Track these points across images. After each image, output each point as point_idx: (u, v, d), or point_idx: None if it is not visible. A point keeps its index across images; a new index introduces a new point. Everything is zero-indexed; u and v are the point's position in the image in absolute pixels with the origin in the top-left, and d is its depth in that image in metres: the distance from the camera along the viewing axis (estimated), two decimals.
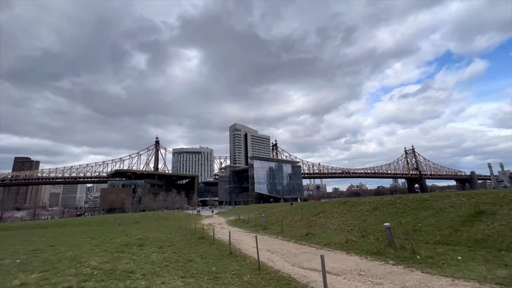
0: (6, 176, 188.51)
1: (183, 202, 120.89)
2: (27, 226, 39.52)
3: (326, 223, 19.54)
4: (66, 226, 41.58)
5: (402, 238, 12.06)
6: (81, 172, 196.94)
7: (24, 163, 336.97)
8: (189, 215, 63.62)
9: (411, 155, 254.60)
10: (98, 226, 36.42)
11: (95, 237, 14.67)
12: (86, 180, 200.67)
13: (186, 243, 15.47)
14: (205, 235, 20.33)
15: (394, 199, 19.42)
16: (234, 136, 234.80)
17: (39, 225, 40.82)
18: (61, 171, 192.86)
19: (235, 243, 16.38)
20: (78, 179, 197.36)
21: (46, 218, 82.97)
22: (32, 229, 33.13)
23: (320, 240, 15.03)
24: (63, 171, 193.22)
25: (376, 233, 14.06)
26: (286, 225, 22.54)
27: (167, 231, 23.49)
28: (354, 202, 22.43)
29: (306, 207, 27.69)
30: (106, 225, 41.19)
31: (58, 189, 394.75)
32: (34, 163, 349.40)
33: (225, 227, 28.68)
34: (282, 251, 12.83)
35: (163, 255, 10.89)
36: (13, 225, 44.21)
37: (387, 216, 16.37)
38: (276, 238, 17.64)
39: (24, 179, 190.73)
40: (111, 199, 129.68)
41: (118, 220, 48.80)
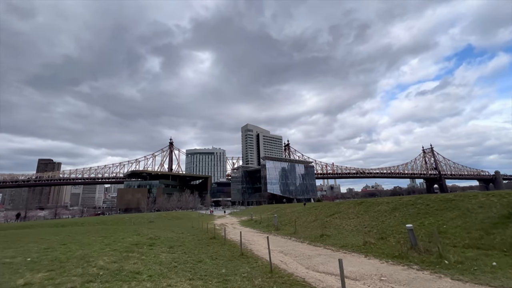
0: (30, 177, 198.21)
1: (196, 202, 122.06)
2: (47, 225, 40.94)
3: (342, 224, 18.72)
4: (84, 225, 42.73)
5: (426, 240, 11.19)
6: (99, 173, 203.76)
7: (47, 164, 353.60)
8: (202, 215, 63.94)
9: (429, 154, 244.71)
10: (113, 225, 37.13)
11: (107, 236, 14.70)
12: (104, 180, 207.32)
13: (197, 243, 15.20)
14: (216, 235, 20.04)
15: (415, 199, 18.31)
16: (246, 136, 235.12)
17: (59, 224, 42.20)
18: (81, 172, 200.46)
19: (246, 244, 15.95)
20: (96, 179, 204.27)
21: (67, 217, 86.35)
22: (52, 228, 34.24)
23: (335, 241, 14.31)
24: (83, 172, 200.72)
25: (397, 235, 13.18)
26: (300, 226, 21.86)
27: (179, 231, 23.43)
28: (371, 203, 21.43)
29: (320, 207, 26.86)
30: (122, 225, 41.97)
31: (79, 189, 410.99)
32: (56, 165, 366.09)
33: (237, 227, 28.34)
34: (296, 253, 12.26)
35: (173, 255, 10.62)
36: (35, 223, 45.98)
37: (408, 217, 15.39)
38: (289, 239, 17.05)
39: (47, 179, 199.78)
40: (127, 199, 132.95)
41: (133, 220, 49.69)
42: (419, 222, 13.79)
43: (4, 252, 9.79)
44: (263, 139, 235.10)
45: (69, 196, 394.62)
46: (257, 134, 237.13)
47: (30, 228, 33.31)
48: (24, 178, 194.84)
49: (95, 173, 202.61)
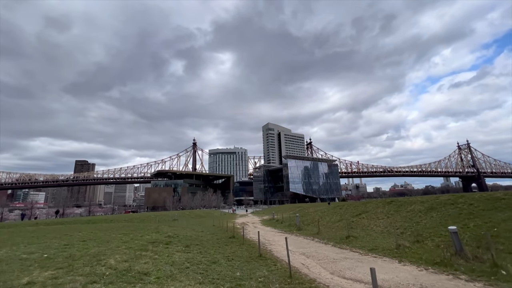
0: (69, 177, 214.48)
1: (219, 201, 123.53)
2: (80, 221, 43.39)
3: (370, 225, 17.24)
4: (113, 222, 44.69)
5: (472, 245, 9.62)
6: (128, 173, 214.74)
7: (83, 165, 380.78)
8: (225, 214, 64.25)
9: (465, 151, 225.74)
10: (139, 223, 38.33)
11: (127, 234, 14.76)
12: (132, 180, 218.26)
13: (215, 243, 14.72)
14: (236, 235, 19.50)
15: (455, 198, 16.32)
16: (268, 135, 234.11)
17: (91, 221, 44.58)
18: (112, 172, 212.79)
19: (266, 244, 15.18)
20: (126, 179, 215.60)
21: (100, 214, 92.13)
22: (83, 224, 36.06)
23: (363, 244, 13.03)
24: (114, 172, 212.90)
25: (435, 238, 11.63)
26: (323, 226, 20.64)
27: (200, 229, 23.27)
28: (402, 202, 19.61)
29: (345, 206, 25.29)
30: (147, 222, 43.23)
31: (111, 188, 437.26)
32: (91, 165, 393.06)
33: (258, 227, 27.68)
34: (319, 256, 11.25)
35: (187, 255, 10.16)
36: (70, 220, 49.03)
37: (448, 218, 13.63)
38: (311, 240, 15.99)
39: (82, 179, 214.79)
40: (154, 197, 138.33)
41: (158, 217, 51.11)
42: (462, 224, 12.08)
43: (27, 247, 9.95)
44: (285, 137, 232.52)
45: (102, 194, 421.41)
46: (279, 133, 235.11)
47: (64, 224, 35.38)
48: (63, 178, 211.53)
49: (125, 173, 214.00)
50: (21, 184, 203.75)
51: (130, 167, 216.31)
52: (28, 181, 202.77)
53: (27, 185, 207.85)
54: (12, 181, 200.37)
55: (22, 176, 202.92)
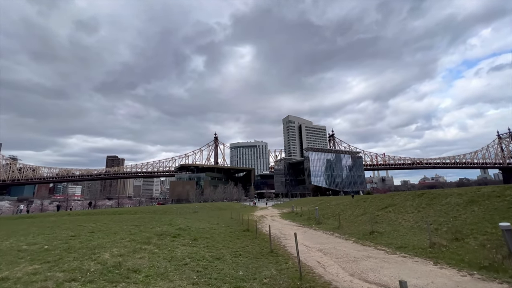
0: (101, 172, 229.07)
1: (240, 194, 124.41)
2: (107, 212, 45.51)
3: (397, 219, 15.51)
4: (137, 213, 46.33)
5: None
6: (155, 168, 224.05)
7: (113, 160, 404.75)
8: (245, 207, 64.22)
9: (507, 140, 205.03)
10: (159, 215, 39.25)
11: (139, 225, 14.54)
12: (158, 174, 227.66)
13: (227, 236, 14.00)
14: (251, 228, 18.72)
15: (501, 189, 14.05)
16: (288, 128, 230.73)
17: (117, 212, 46.59)
18: (140, 167, 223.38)
19: (281, 239, 14.18)
20: (152, 173, 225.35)
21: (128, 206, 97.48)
22: (109, 215, 37.60)
23: (390, 241, 11.52)
24: (141, 167, 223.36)
25: (479, 236, 9.84)
26: (345, 220, 19.14)
27: (215, 221, 22.85)
28: (435, 194, 17.49)
29: (369, 199, 23.42)
30: (169, 214, 44.12)
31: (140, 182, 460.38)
32: (121, 160, 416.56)
33: (276, 220, 26.76)
34: (338, 253, 10.02)
35: (192, 249, 9.47)
36: (98, 211, 51.67)
37: (493, 212, 11.62)
38: (331, 235, 14.70)
39: (113, 173, 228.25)
40: (178, 190, 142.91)
41: (179, 210, 52.17)
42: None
43: (34, 238, 9.85)
44: (306, 130, 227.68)
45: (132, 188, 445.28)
46: (299, 125, 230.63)
47: (90, 215, 37.14)
48: (96, 172, 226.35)
49: (151, 167, 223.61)
50: (60, 178, 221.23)
51: (156, 162, 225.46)
52: (66, 175, 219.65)
53: (65, 179, 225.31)
54: (53, 176, 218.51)
55: (61, 171, 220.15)
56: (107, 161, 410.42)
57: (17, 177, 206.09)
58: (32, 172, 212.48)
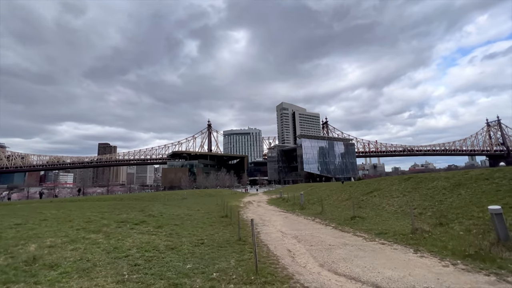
0: (93, 159, 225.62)
1: (233, 180, 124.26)
2: (92, 199, 44.39)
3: (382, 204, 14.80)
4: (123, 200, 45.42)
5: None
6: (147, 155, 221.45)
7: (105, 148, 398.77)
8: (235, 193, 63.83)
9: (495, 128, 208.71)
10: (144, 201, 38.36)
11: (106, 212, 13.47)
12: (151, 161, 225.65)
13: (200, 222, 13.07)
14: (231, 214, 17.92)
15: (490, 172, 13.34)
16: (282, 115, 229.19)
17: (102, 199, 45.48)
18: (132, 154, 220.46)
19: (259, 225, 13.34)
20: (145, 160, 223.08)
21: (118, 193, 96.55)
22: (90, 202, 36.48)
23: (371, 226, 10.74)
24: (134, 154, 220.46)
25: (464, 220, 9.07)
26: (329, 205, 18.45)
27: (197, 208, 21.99)
28: (422, 178, 16.80)
29: (356, 184, 22.78)
30: (156, 200, 43.25)
31: (133, 169, 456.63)
32: (113, 148, 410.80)
33: (261, 205, 26.08)
34: (313, 240, 9.16)
35: (149, 237, 8.46)
36: (84, 198, 50.41)
37: (481, 195, 10.89)
38: (312, 221, 13.91)
39: (105, 161, 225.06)
40: (170, 178, 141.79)
41: (167, 196, 51.46)
42: (501, 203, 9.34)
43: None
44: (299, 117, 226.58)
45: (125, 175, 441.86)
46: (293, 112, 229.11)
47: (74, 201, 35.95)
48: (88, 160, 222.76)
49: (144, 154, 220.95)
50: (50, 166, 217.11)
51: (148, 149, 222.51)
52: (56, 163, 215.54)
53: (56, 166, 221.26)
54: (43, 163, 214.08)
55: (51, 159, 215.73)
56: (99, 148, 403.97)
57: (5, 165, 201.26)
58: (21, 159, 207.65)
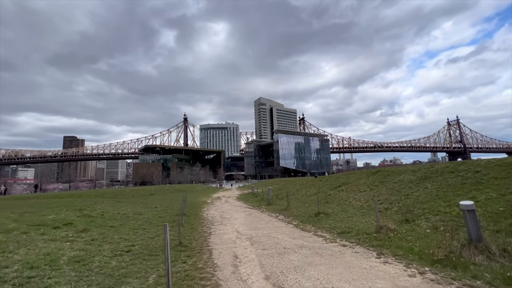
0: (57, 153, 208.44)
1: (208, 176, 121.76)
2: (45, 196, 39.97)
3: (348, 199, 14.04)
4: (81, 196, 41.56)
5: (490, 229, 6.31)
6: (118, 149, 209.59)
7: (71, 141, 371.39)
8: (208, 188, 61.83)
9: (454, 127, 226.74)
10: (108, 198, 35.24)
11: (31, 212, 11.16)
12: (122, 156, 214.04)
13: (146, 223, 11.33)
14: (189, 212, 16.34)
15: (455, 165, 13.05)
16: (259, 110, 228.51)
17: (57, 196, 41.13)
18: (102, 148, 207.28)
19: (216, 224, 11.91)
20: (116, 155, 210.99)
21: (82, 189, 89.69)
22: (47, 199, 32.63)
23: (334, 224, 9.76)
24: (103, 148, 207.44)
25: (431, 216, 8.34)
26: (297, 200, 17.51)
27: (155, 205, 20.06)
28: (389, 171, 16.39)
29: (325, 179, 22.17)
30: (121, 197, 40.09)
31: (103, 164, 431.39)
32: (80, 141, 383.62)
33: (229, 201, 24.68)
34: (268, 242, 7.90)
35: (56, 246, 6.64)
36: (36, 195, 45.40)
37: (447, 189, 10.36)
38: (274, 218, 12.76)
39: (71, 155, 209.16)
40: (142, 173, 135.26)
41: (133, 192, 48.23)
42: (467, 197, 8.78)
43: None
44: (277, 112, 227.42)
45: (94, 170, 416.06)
46: (271, 108, 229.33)
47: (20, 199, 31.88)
48: (51, 154, 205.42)
49: (115, 148, 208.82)
50: (6, 160, 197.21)
51: (120, 143, 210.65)
52: (14, 157, 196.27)
53: (13, 161, 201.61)
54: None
55: (7, 152, 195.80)
56: (64, 141, 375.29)
57: None
58: None
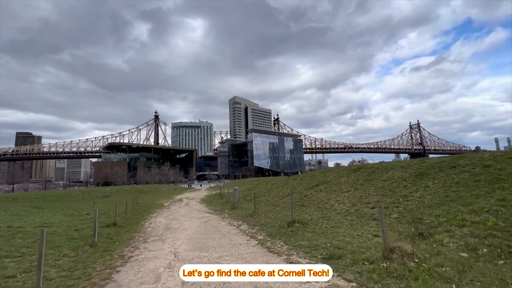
0: (7, 151, 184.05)
1: (178, 175, 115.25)
2: None
3: (329, 201, 11.33)
4: (17, 200, 34.92)
5: None
6: (81, 147, 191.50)
7: (26, 138, 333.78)
8: (175, 189, 56.95)
9: (415, 130, 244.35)
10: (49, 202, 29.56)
11: None
12: (86, 155, 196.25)
13: (48, 242, 7.47)
14: (130, 220, 12.62)
15: (452, 159, 10.96)
16: (234, 109, 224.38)
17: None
18: (62, 146, 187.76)
19: (151, 240, 8.44)
20: (78, 153, 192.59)
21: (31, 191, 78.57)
22: None
23: (315, 239, 6.82)
24: (64, 146, 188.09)
25: (454, 227, 5.73)
26: (266, 203, 14.50)
27: (89, 211, 15.85)
28: (374, 168, 14.07)
29: (300, 177, 19.49)
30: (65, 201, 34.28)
31: (63, 164, 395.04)
32: (36, 138, 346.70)
33: (190, 204, 21.02)
34: (210, 283, 4.63)
35: None
36: None
37: (458, 188, 7.98)
38: (236, 228, 9.58)
39: (24, 153, 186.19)
40: (105, 172, 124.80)
41: (84, 194, 41.90)
42: (497, 199, 6.35)
43: None
44: (252, 112, 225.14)
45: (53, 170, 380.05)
46: (246, 107, 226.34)
47: None
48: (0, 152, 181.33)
49: (76, 146, 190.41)
50: None
51: (83, 141, 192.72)
52: None
53: None
54: None
55: None
56: (17, 138, 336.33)
57: None
58: None
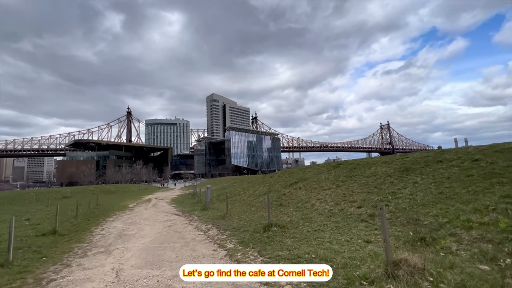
0: None
1: (152, 174, 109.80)
2: None
3: (310, 200, 10.24)
4: None
5: None
6: (43, 144, 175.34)
7: None
8: (146, 188, 53.44)
9: (385, 130, 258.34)
10: None
11: None
12: (49, 153, 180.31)
13: None
14: (80, 224, 10.62)
15: (436, 154, 10.39)
16: (212, 107, 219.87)
17: None
18: (21, 143, 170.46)
19: (92, 254, 6.71)
20: (39, 151, 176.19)
21: None
22: None
23: (296, 247, 5.61)
24: (23, 143, 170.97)
25: (460, 230, 4.82)
26: (241, 203, 13.15)
27: (29, 216, 13.42)
28: (355, 164, 13.30)
29: (278, 175, 18.38)
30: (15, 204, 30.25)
31: (23, 162, 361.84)
32: None
33: (158, 204, 19.04)
34: None
35: None
36: None
37: (451, 184, 7.24)
38: (203, 233, 8.12)
39: None
40: (70, 172, 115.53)
41: (40, 196, 37.53)
42: (499, 195, 5.58)
43: None
44: (230, 110, 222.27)
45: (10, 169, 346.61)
46: (224, 105, 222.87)
47: None
48: None
49: (38, 144, 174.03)
50: None
51: (45, 137, 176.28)
52: None
53: None
54: None
55: None
56: None
57: None
58: None
